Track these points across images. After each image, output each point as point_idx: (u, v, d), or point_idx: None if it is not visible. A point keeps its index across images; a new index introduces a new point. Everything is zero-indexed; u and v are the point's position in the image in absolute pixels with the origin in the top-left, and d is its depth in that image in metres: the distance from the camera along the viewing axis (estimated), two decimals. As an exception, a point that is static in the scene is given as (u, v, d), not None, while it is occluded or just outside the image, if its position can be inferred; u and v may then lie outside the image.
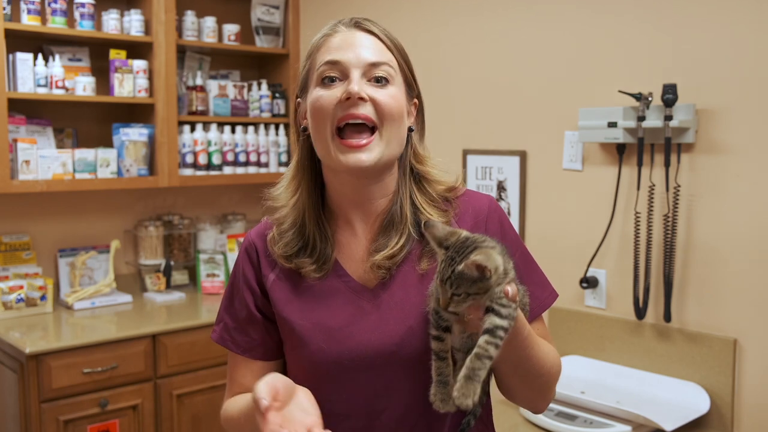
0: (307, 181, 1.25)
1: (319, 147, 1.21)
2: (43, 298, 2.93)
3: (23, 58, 2.84)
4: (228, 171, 3.36)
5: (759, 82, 2.04)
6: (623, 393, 2.19)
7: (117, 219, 3.35)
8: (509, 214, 2.68)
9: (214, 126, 3.32)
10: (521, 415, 2.15)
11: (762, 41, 2.03)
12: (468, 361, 1.00)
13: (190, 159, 3.26)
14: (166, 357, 2.79)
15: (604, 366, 2.36)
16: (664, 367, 2.25)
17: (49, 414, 2.54)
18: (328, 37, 1.22)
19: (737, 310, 2.11)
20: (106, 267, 3.20)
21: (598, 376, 2.32)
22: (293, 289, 1.24)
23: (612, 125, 2.24)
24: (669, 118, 2.13)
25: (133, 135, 3.10)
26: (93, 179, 3.00)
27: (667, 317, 2.21)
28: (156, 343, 2.77)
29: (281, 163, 3.51)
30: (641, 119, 2.18)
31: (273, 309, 1.25)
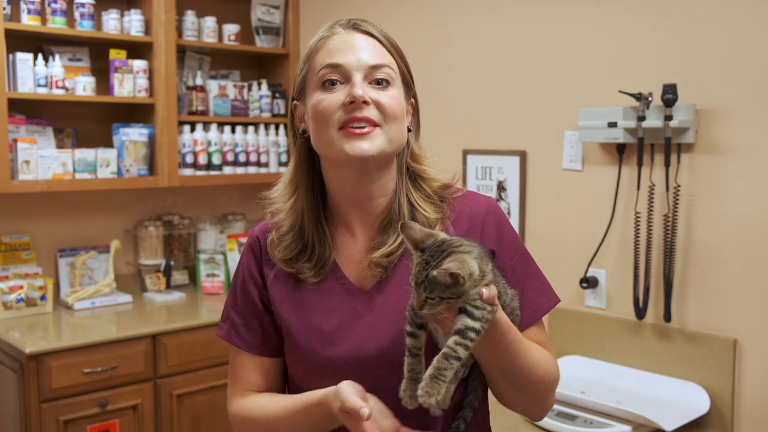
0: (306, 183, 1.26)
1: (322, 146, 1.21)
2: (43, 298, 2.93)
3: (23, 58, 2.84)
4: (228, 171, 3.36)
5: (759, 82, 2.04)
6: (623, 393, 2.19)
7: (117, 219, 3.35)
8: (509, 214, 2.68)
9: (214, 126, 3.32)
10: (521, 416, 2.14)
11: (762, 41, 2.03)
12: (435, 361, 1.00)
13: (190, 159, 3.27)
14: (166, 357, 2.79)
15: (604, 366, 2.36)
16: (664, 367, 2.25)
17: (49, 414, 2.54)
18: (326, 40, 1.21)
19: (737, 310, 2.11)
20: (106, 267, 3.20)
21: (598, 376, 2.32)
22: (290, 290, 1.25)
23: (612, 125, 2.24)
24: (669, 118, 2.13)
25: (133, 135, 3.10)
26: (93, 179, 3.00)
27: (667, 317, 2.21)
28: (156, 343, 2.77)
29: (281, 163, 3.51)
30: (641, 119, 2.18)
31: (272, 307, 1.26)
